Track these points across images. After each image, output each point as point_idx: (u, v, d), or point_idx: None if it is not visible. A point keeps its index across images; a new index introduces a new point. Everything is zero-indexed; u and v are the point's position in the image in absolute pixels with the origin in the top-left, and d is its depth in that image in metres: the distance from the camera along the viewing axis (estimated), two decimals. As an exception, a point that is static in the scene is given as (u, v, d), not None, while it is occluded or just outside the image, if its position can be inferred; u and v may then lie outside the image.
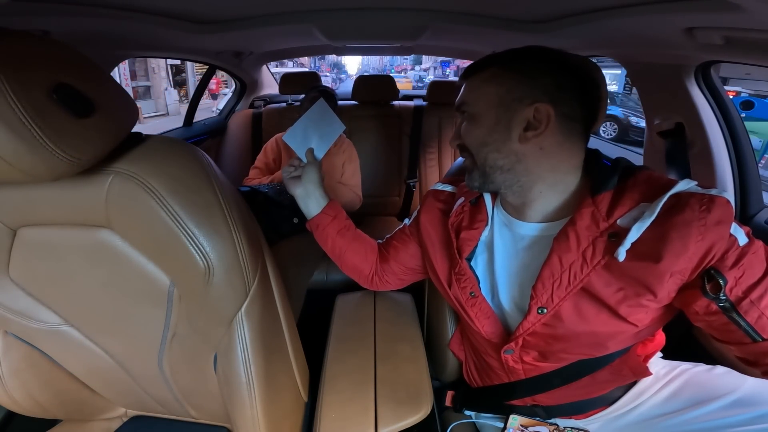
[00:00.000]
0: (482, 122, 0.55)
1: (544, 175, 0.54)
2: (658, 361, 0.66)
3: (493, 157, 0.55)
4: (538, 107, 0.51)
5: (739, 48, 0.69)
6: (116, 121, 0.45)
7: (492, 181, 0.56)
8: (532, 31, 0.99)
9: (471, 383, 0.75)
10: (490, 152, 0.54)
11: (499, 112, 0.53)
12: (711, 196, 0.45)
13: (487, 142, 0.54)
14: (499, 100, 0.53)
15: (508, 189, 0.56)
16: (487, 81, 0.54)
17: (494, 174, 0.55)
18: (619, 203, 0.50)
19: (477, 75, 0.56)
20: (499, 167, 0.55)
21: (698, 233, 0.44)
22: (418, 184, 1.99)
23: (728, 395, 0.57)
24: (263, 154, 1.60)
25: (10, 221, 0.52)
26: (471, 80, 0.57)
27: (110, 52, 1.19)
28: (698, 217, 0.44)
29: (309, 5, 1.00)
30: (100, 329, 0.61)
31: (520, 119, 0.52)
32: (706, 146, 1.00)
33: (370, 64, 27.77)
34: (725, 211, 0.44)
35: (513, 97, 0.52)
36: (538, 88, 0.51)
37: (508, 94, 0.52)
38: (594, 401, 0.63)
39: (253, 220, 0.61)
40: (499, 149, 0.54)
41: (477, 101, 0.55)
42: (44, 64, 0.38)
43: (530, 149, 0.53)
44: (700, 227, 0.44)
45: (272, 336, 0.62)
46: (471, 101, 0.56)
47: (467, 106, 0.57)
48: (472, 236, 0.62)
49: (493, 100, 0.53)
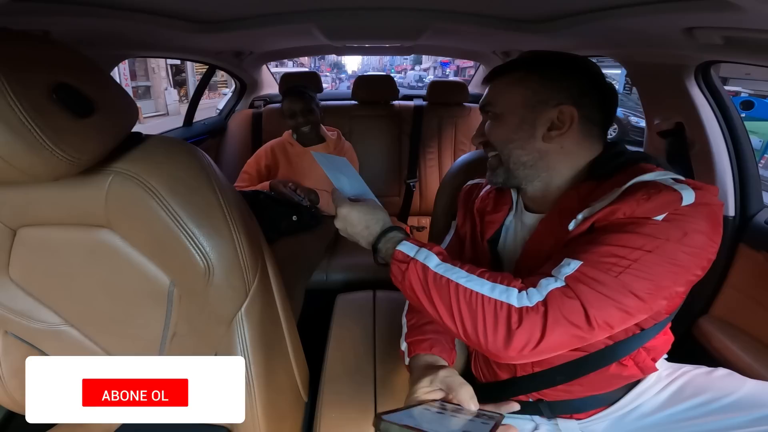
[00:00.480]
0: (508, 121, 0.58)
1: (563, 170, 0.58)
2: (661, 363, 0.66)
3: (517, 154, 0.58)
4: (563, 109, 0.55)
5: (739, 48, 0.69)
6: (116, 121, 0.45)
7: (515, 177, 0.60)
8: (532, 31, 0.99)
9: (479, 377, 0.75)
10: (514, 149, 0.58)
11: (525, 113, 0.57)
12: (664, 188, 0.46)
13: (512, 139, 0.58)
14: (524, 101, 0.57)
15: (529, 183, 0.60)
16: (514, 84, 0.58)
17: (518, 170, 0.59)
18: (599, 188, 0.53)
19: (502, 78, 0.60)
20: (522, 163, 0.58)
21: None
22: (417, 184, 1.99)
23: (728, 397, 0.57)
24: (255, 161, 1.60)
25: (10, 221, 0.52)
26: (496, 83, 0.61)
27: (110, 52, 1.19)
28: (638, 203, 0.46)
29: (309, 5, 1.00)
30: (100, 329, 0.61)
31: (545, 119, 0.56)
32: (706, 146, 1.00)
33: (370, 64, 27.78)
34: (664, 203, 0.45)
35: (538, 98, 0.56)
36: (563, 92, 0.55)
37: (534, 96, 0.56)
38: (596, 400, 0.63)
39: (253, 220, 0.61)
40: (523, 146, 0.57)
41: (503, 102, 0.59)
42: (44, 64, 0.38)
43: (552, 147, 0.57)
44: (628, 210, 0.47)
45: (272, 336, 0.62)
46: (497, 102, 0.60)
47: (492, 106, 0.60)
48: (495, 219, 0.65)
49: (518, 101, 0.57)
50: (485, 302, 0.46)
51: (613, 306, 0.44)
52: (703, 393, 0.59)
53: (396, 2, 0.96)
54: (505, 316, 0.45)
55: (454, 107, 2.02)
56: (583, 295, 0.44)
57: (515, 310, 0.45)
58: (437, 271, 0.50)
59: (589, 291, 0.44)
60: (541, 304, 0.45)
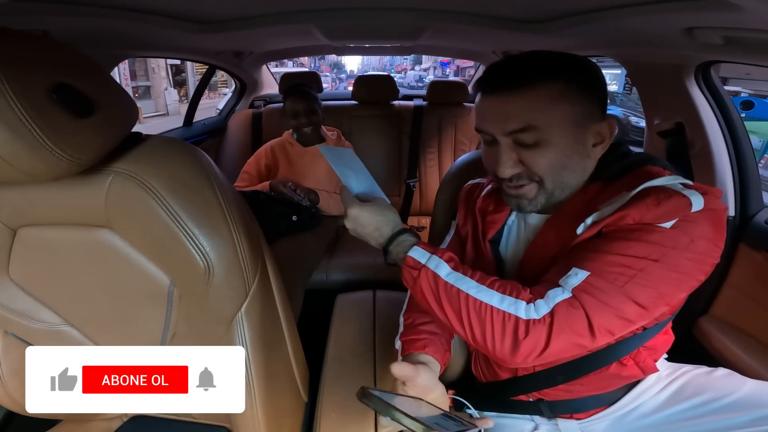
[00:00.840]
0: (558, 145, 0.51)
1: (583, 177, 0.55)
2: (661, 363, 0.66)
3: (567, 178, 0.53)
4: (604, 123, 0.52)
5: (739, 48, 0.69)
6: (116, 121, 0.45)
7: (555, 198, 0.55)
8: (532, 31, 0.99)
9: (479, 377, 0.75)
10: (566, 174, 0.53)
11: (575, 132, 0.51)
12: (674, 194, 0.45)
13: (566, 165, 0.52)
14: (574, 119, 0.50)
15: (558, 199, 0.56)
16: (557, 99, 0.50)
17: (561, 192, 0.54)
18: (605, 191, 0.52)
19: (534, 89, 0.50)
20: (568, 184, 0.54)
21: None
22: (417, 184, 1.99)
23: (728, 397, 0.57)
24: (255, 161, 1.60)
25: (10, 221, 0.52)
26: (526, 96, 0.50)
27: (110, 52, 1.19)
28: (647, 208, 0.45)
29: (309, 5, 1.00)
30: (99, 329, 0.61)
31: (592, 135, 0.52)
32: (706, 146, 1.00)
33: (370, 64, 27.77)
34: (673, 209, 0.45)
35: (585, 113, 0.51)
36: (599, 102, 0.52)
37: (581, 110, 0.50)
38: (596, 400, 0.63)
39: (253, 220, 0.61)
40: (575, 169, 0.53)
41: (548, 123, 0.50)
42: (44, 64, 0.38)
43: (592, 162, 0.54)
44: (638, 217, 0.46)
45: (272, 336, 0.62)
46: (539, 123, 0.50)
47: (537, 130, 0.50)
48: (497, 219, 0.63)
49: (568, 120, 0.50)
50: (494, 313, 0.47)
51: (616, 315, 0.45)
52: (703, 393, 0.59)
53: (396, 2, 0.96)
54: (513, 327, 0.46)
55: (454, 107, 2.02)
56: (589, 306, 0.44)
57: (523, 322, 0.45)
58: (448, 280, 0.50)
59: (595, 302, 0.45)
60: (548, 316, 0.45)
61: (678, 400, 0.60)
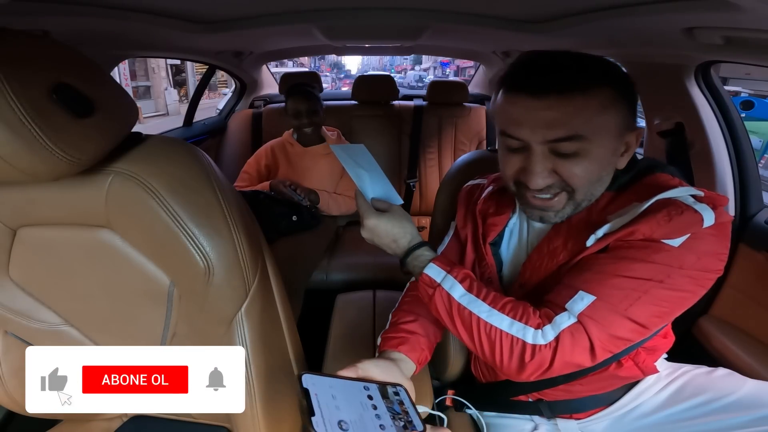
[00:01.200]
0: (598, 155, 0.48)
1: None
2: (661, 362, 0.66)
3: (598, 190, 0.52)
4: (637, 131, 0.51)
5: (739, 48, 0.69)
6: (116, 121, 0.45)
7: (580, 209, 0.53)
8: (532, 31, 0.99)
9: (479, 377, 0.75)
10: (599, 186, 0.51)
11: (616, 142, 0.49)
12: (686, 208, 0.45)
13: (601, 177, 0.50)
14: (617, 128, 0.48)
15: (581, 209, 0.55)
16: (607, 107, 0.46)
17: (587, 202, 0.52)
18: (616, 201, 0.52)
19: (587, 95, 0.45)
20: (596, 197, 0.52)
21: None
22: (417, 184, 1.99)
23: (728, 397, 0.57)
24: (255, 161, 1.60)
25: (10, 221, 0.52)
26: (576, 102, 0.45)
27: (110, 52, 1.19)
28: (658, 224, 0.45)
29: (309, 5, 1.00)
30: (99, 329, 0.61)
31: (623, 144, 0.51)
32: (706, 146, 1.00)
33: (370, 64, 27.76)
34: (685, 225, 0.44)
35: (625, 124, 0.49)
36: (633, 112, 0.51)
37: (623, 121, 0.48)
38: (595, 400, 0.63)
39: (254, 220, 0.61)
40: (606, 180, 0.51)
41: (596, 133, 0.46)
42: (44, 64, 0.38)
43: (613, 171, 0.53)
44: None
45: (272, 336, 0.62)
46: (589, 134, 0.46)
47: (583, 140, 0.46)
48: (498, 221, 0.63)
49: (612, 130, 0.47)
50: (503, 336, 0.49)
51: (617, 337, 0.46)
52: (703, 393, 0.59)
53: (396, 2, 0.96)
54: (520, 350, 0.48)
55: (454, 107, 2.02)
56: (592, 332, 0.46)
57: (529, 346, 0.47)
58: (461, 302, 0.51)
59: (598, 327, 0.46)
60: (554, 341, 0.47)
61: (678, 400, 0.60)
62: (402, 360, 0.57)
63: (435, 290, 0.53)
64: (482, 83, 2.30)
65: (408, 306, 0.67)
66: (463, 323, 0.51)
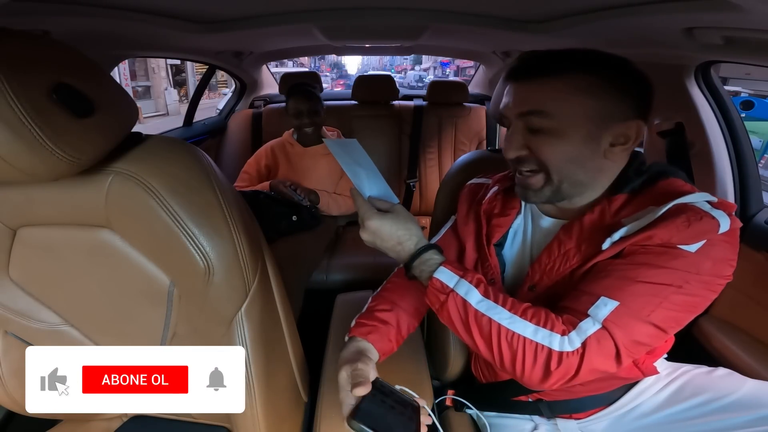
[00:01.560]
0: (571, 137, 0.49)
1: (605, 182, 0.54)
2: (661, 362, 0.66)
3: (577, 173, 0.52)
4: (631, 124, 0.49)
5: (739, 48, 0.69)
6: (116, 121, 0.45)
7: (562, 195, 0.54)
8: (532, 31, 0.99)
9: (479, 378, 0.75)
10: (575, 168, 0.51)
11: (591, 127, 0.49)
12: (704, 214, 0.45)
13: (573, 158, 0.50)
14: (593, 113, 0.49)
15: (569, 198, 0.55)
16: (582, 91, 0.48)
17: (569, 189, 0.53)
18: (630, 204, 0.51)
19: (559, 79, 0.49)
20: (579, 182, 0.52)
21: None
22: (417, 184, 1.99)
23: (728, 397, 0.57)
24: (255, 161, 1.60)
25: (10, 221, 0.52)
26: (545, 85, 0.49)
27: (110, 52, 1.19)
28: (677, 229, 0.45)
29: (309, 5, 1.00)
30: (99, 329, 0.61)
31: (611, 134, 0.50)
32: (706, 146, 1.00)
33: (370, 64, 27.76)
34: (703, 231, 0.44)
35: (608, 112, 0.49)
36: (632, 104, 0.50)
37: (603, 107, 0.49)
38: (595, 399, 0.63)
39: (253, 220, 0.61)
40: (585, 164, 0.51)
41: (563, 112, 0.49)
42: (44, 64, 0.38)
43: (610, 164, 0.52)
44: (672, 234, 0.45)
45: (272, 336, 0.62)
46: (553, 111, 0.49)
47: (547, 117, 0.49)
48: (503, 223, 0.62)
49: (584, 112, 0.49)
50: (527, 344, 0.47)
51: (639, 343, 0.47)
52: (703, 393, 0.59)
53: (396, 2, 0.96)
54: (545, 358, 0.46)
55: (454, 107, 2.02)
56: (618, 337, 0.45)
57: (556, 353, 0.46)
58: (479, 308, 0.49)
59: (623, 333, 0.45)
60: (581, 348, 0.46)
61: (678, 399, 0.60)
62: (368, 349, 0.58)
63: (448, 296, 0.50)
64: (482, 83, 2.30)
65: (388, 294, 0.67)
66: (481, 331, 0.48)
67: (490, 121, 1.99)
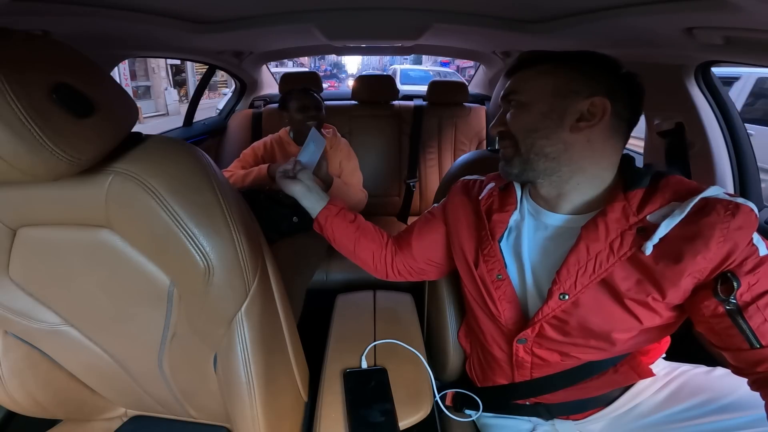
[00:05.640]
0: (534, 109, 0.55)
1: (586, 166, 0.55)
2: (659, 362, 0.66)
3: (540, 144, 0.55)
4: (595, 101, 0.52)
5: (739, 48, 0.69)
6: (116, 121, 0.45)
7: (533, 169, 0.56)
8: (532, 31, 0.99)
9: (474, 380, 0.75)
10: (538, 138, 0.55)
11: (554, 101, 0.54)
12: (737, 203, 0.46)
13: (536, 128, 0.55)
14: (555, 90, 0.54)
15: (546, 178, 0.57)
16: (543, 73, 0.56)
17: (538, 161, 0.56)
18: (650, 201, 0.51)
19: (530, 68, 0.57)
20: (545, 154, 0.55)
21: (721, 235, 0.45)
22: (417, 184, 1.99)
23: (727, 397, 0.57)
24: (252, 151, 1.58)
25: (10, 221, 0.52)
26: (523, 73, 0.58)
27: (110, 52, 1.19)
28: (722, 221, 0.45)
29: (309, 5, 1.00)
30: (100, 329, 0.61)
31: (575, 110, 0.53)
32: (706, 146, 1.00)
33: (370, 64, 27.75)
34: (748, 219, 0.45)
35: (570, 88, 0.54)
36: (596, 85, 0.53)
37: (565, 85, 0.54)
38: (594, 400, 0.63)
39: (254, 220, 0.61)
40: (548, 136, 0.54)
41: (530, 90, 0.56)
42: (44, 64, 0.38)
43: (579, 139, 0.54)
44: (723, 230, 0.45)
45: (272, 336, 0.62)
46: (522, 90, 0.57)
47: (517, 94, 0.57)
48: (502, 218, 0.63)
49: (548, 90, 0.55)
50: None
51: None
52: (702, 393, 0.59)
53: (396, 2, 0.96)
54: None
55: (454, 107, 2.02)
56: None
57: None
58: None
59: None
60: None
61: (676, 400, 0.60)
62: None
63: None
64: (482, 83, 2.30)
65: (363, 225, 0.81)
66: None
67: (490, 121, 1.99)
